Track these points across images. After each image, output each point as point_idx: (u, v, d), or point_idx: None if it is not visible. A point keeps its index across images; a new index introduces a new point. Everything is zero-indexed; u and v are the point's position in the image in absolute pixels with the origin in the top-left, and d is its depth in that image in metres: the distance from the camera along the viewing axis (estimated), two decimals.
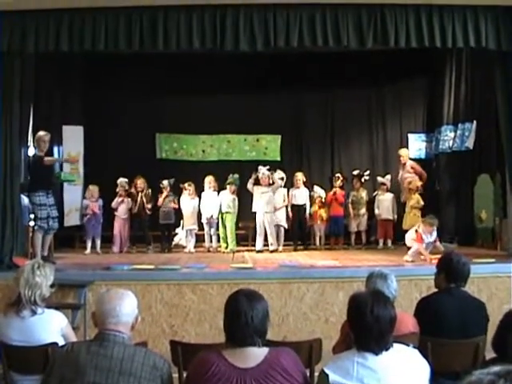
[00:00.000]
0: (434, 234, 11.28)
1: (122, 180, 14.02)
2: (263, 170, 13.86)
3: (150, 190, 14.26)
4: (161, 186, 14.20)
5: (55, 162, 12.24)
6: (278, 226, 13.96)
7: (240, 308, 3.55)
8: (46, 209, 11.06)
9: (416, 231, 11.35)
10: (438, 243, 11.33)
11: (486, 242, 13.12)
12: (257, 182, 13.89)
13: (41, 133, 11.43)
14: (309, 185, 14.98)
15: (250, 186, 13.85)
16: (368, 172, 15.22)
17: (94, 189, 13.84)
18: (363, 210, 14.64)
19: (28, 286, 4.95)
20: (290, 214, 14.30)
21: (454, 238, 13.72)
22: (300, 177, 14.44)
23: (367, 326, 3.56)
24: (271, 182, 13.85)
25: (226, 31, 10.33)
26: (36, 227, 11.09)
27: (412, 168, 14.33)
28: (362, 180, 14.97)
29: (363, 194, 14.77)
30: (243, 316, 3.52)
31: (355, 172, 15.11)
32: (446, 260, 5.88)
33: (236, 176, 14.19)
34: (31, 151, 12.06)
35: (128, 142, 15.49)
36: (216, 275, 9.58)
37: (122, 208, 14.01)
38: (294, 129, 16.88)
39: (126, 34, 10.27)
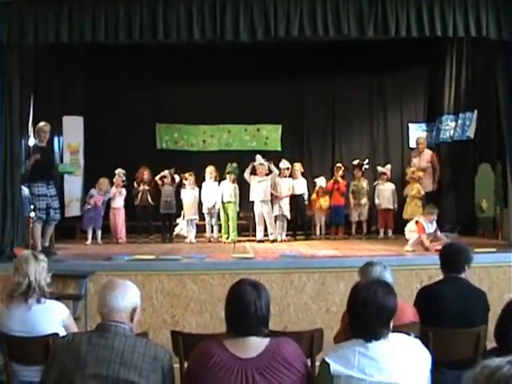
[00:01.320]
0: (435, 223, 11.28)
1: (120, 170, 14.01)
2: (260, 160, 13.84)
3: (153, 182, 14.25)
4: (162, 175, 14.15)
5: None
6: (282, 216, 13.94)
7: (248, 298, 3.53)
8: (47, 199, 11.07)
9: (416, 222, 11.33)
10: (438, 233, 11.33)
11: (487, 232, 13.13)
12: (254, 172, 13.87)
13: (41, 123, 11.43)
14: (308, 175, 14.98)
15: (246, 175, 13.85)
16: (367, 161, 15.16)
17: (104, 182, 13.79)
18: (364, 200, 14.61)
19: (37, 272, 4.98)
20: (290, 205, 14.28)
21: (455, 227, 13.71)
22: (298, 167, 14.41)
23: (367, 314, 3.55)
24: (268, 171, 13.82)
25: (226, 21, 10.30)
26: (35, 218, 11.10)
27: (431, 158, 14.25)
28: (363, 169, 14.93)
29: (364, 183, 14.74)
30: (252, 306, 3.51)
31: (355, 162, 15.08)
32: (442, 250, 6.03)
33: (234, 165, 14.18)
34: (31, 142, 12.04)
35: (128, 133, 15.53)
36: (217, 265, 9.59)
37: (118, 198, 13.98)
38: (294, 118, 16.87)
39: (125, 25, 10.25)
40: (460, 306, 5.38)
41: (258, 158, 13.94)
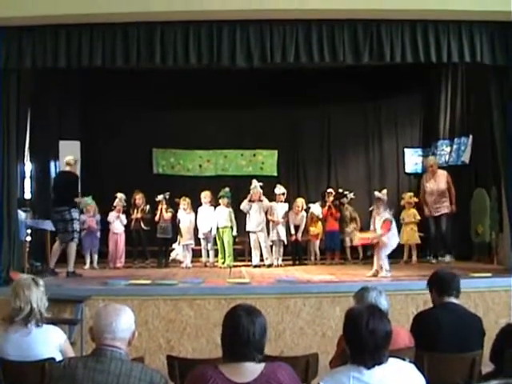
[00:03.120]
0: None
1: (121, 196, 14.00)
2: (256, 184, 13.86)
3: (148, 206, 14.27)
4: (156, 200, 14.18)
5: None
6: (278, 241, 13.94)
7: (241, 323, 3.54)
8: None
9: (384, 221, 11.23)
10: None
11: (482, 257, 13.13)
12: (250, 199, 13.90)
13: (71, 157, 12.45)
14: (308, 200, 14.97)
15: (246, 206, 13.86)
16: (352, 194, 15.27)
17: (89, 206, 13.80)
18: (350, 227, 14.53)
19: (38, 298, 4.99)
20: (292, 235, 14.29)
21: (451, 252, 13.71)
22: (300, 204, 14.36)
23: (362, 340, 3.56)
24: (261, 198, 13.86)
25: (223, 47, 10.36)
26: (75, 239, 11.89)
27: (447, 178, 13.72)
28: (342, 201, 15.02)
29: (346, 212, 14.82)
30: (245, 331, 3.52)
31: (340, 190, 15.19)
32: (433, 276, 5.96)
33: (226, 189, 14.16)
34: (28, 166, 12.28)
35: (125, 157, 15.57)
36: (213, 290, 9.57)
37: (117, 223, 13.99)
38: (290, 144, 16.94)
39: (123, 50, 10.31)
40: (456, 332, 5.39)
41: (254, 182, 13.95)
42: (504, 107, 10.94)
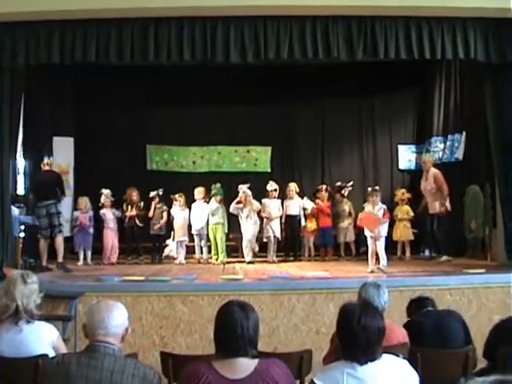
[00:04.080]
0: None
1: (107, 192, 13.96)
2: (244, 189, 13.87)
3: (142, 203, 14.25)
4: (150, 196, 14.17)
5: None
6: (273, 237, 13.96)
7: (235, 318, 3.54)
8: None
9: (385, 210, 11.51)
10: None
11: (476, 253, 13.15)
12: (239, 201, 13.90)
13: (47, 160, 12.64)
14: (301, 195, 14.94)
15: (235, 211, 13.90)
16: (351, 183, 15.17)
17: (83, 200, 13.79)
18: (345, 223, 14.58)
19: (25, 296, 4.94)
20: (284, 225, 14.29)
21: (444, 248, 13.72)
22: (293, 187, 14.41)
23: (354, 336, 3.57)
24: (250, 201, 13.85)
25: (217, 43, 10.36)
26: (61, 232, 12.16)
27: (435, 178, 13.44)
28: (343, 192, 14.94)
29: (346, 206, 14.73)
30: (239, 326, 3.52)
31: (337, 184, 15.12)
32: (410, 303, 6.35)
33: (218, 185, 14.09)
34: (21, 163, 12.34)
35: (118, 154, 15.54)
36: (206, 286, 9.57)
37: (108, 218, 13.99)
38: (284, 140, 16.95)
39: (116, 46, 10.31)
40: (437, 334, 5.45)
41: (241, 187, 13.94)
42: (497, 104, 10.97)
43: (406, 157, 16.42)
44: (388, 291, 5.40)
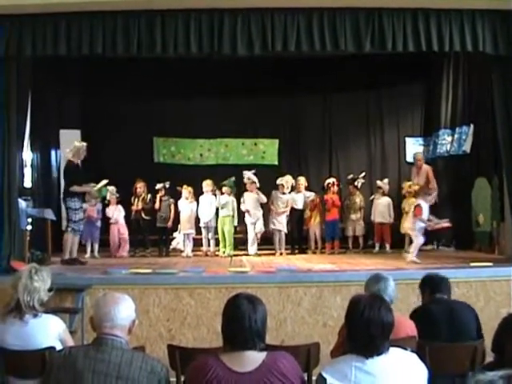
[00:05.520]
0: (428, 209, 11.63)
1: (111, 188, 13.94)
2: (248, 174, 13.88)
3: (150, 195, 14.24)
4: (156, 188, 14.18)
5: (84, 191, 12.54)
6: (279, 231, 13.95)
7: (243, 311, 3.53)
8: (81, 212, 11.84)
9: (415, 207, 11.42)
10: (433, 218, 11.81)
11: (483, 246, 13.13)
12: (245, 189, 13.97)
13: (81, 143, 12.12)
14: (308, 188, 14.93)
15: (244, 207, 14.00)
16: (363, 175, 15.13)
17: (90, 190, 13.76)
18: (356, 216, 14.57)
19: (27, 291, 4.91)
20: (289, 218, 14.25)
21: (452, 241, 13.70)
22: (302, 181, 14.46)
23: (356, 329, 3.56)
24: (257, 191, 13.90)
25: (224, 35, 10.33)
26: (70, 229, 11.64)
27: (427, 174, 13.76)
28: (356, 184, 14.88)
29: (357, 199, 14.69)
30: (247, 319, 3.51)
31: (350, 176, 15.07)
32: (425, 279, 6.02)
33: (232, 179, 14.14)
34: (27, 155, 12.24)
35: (125, 146, 15.55)
36: (213, 279, 9.57)
37: (116, 215, 14.01)
38: (291, 133, 16.97)
39: (123, 38, 10.28)
40: (450, 323, 5.40)
41: (246, 173, 13.95)
42: (505, 96, 10.92)
43: (414, 149, 16.31)
44: (395, 284, 5.38)
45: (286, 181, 14.18)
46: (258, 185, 13.84)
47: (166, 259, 13.21)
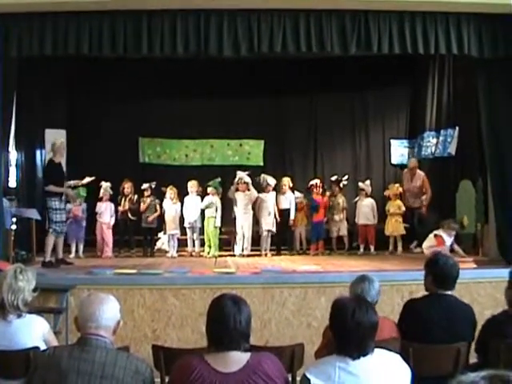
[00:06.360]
0: (453, 237, 11.86)
1: (106, 185, 13.92)
2: (241, 175, 13.88)
3: (136, 196, 14.20)
4: (142, 188, 14.15)
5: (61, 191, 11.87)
6: (267, 231, 13.95)
7: (228, 312, 3.55)
8: (62, 213, 11.50)
9: (435, 236, 11.53)
10: (455, 246, 11.94)
11: (467, 248, 13.16)
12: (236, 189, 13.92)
13: (60, 140, 12.02)
14: (294, 189, 14.92)
15: (231, 194, 13.92)
16: (347, 177, 15.15)
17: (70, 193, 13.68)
18: (339, 216, 14.52)
19: (11, 291, 4.90)
20: (278, 218, 14.23)
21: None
22: (286, 182, 14.41)
23: (348, 331, 3.58)
24: (248, 188, 13.85)
25: (210, 36, 10.31)
26: (51, 230, 11.35)
27: (423, 181, 14.15)
28: (341, 185, 14.90)
29: (340, 200, 14.64)
30: (231, 320, 3.53)
31: (333, 178, 15.08)
32: (433, 262, 5.65)
33: (218, 180, 14.13)
34: (13, 155, 12.14)
35: (111, 146, 15.51)
36: (198, 280, 9.57)
37: (106, 213, 13.95)
38: (277, 134, 16.93)
39: (109, 38, 10.24)
40: (445, 323, 5.34)
41: (239, 173, 13.95)
42: (490, 99, 10.98)
43: (399, 151, 16.44)
44: (379, 285, 5.40)
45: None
46: (250, 186, 13.80)
47: (150, 260, 13.16)
